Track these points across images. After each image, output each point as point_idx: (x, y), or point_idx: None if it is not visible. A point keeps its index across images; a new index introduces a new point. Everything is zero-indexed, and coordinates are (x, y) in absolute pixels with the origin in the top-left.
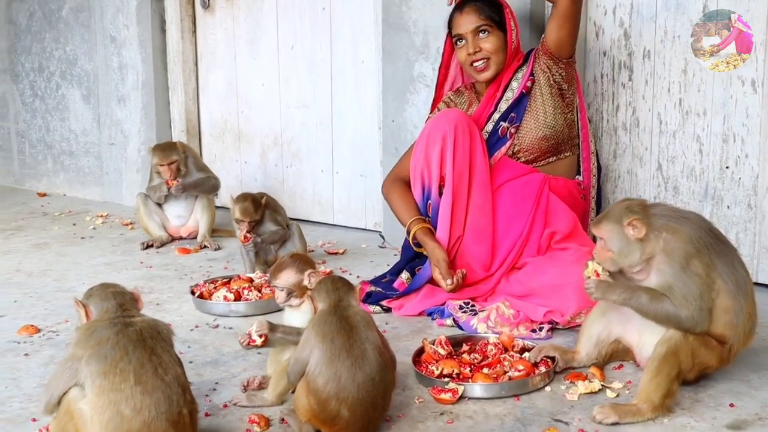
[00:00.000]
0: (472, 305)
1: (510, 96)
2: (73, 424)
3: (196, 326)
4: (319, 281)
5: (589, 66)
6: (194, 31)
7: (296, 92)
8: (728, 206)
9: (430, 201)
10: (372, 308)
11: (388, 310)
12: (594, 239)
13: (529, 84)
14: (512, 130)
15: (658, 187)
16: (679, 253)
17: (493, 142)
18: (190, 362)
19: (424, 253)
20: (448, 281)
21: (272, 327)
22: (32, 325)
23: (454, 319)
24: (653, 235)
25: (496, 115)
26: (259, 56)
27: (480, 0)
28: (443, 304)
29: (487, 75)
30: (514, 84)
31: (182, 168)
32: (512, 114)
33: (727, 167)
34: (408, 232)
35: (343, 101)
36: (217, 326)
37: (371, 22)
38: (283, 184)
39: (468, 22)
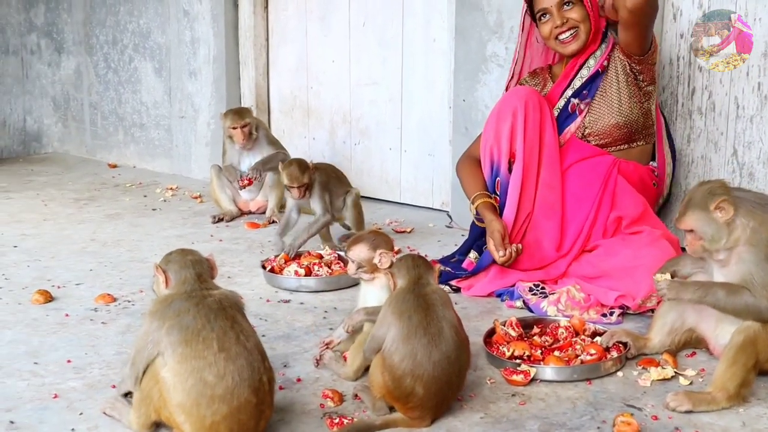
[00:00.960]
0: (542, 287)
1: (585, 74)
2: (158, 389)
3: (268, 300)
4: (399, 258)
5: (665, 48)
6: (266, 7)
7: (366, 70)
8: None
9: (498, 178)
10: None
11: (457, 290)
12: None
13: (605, 63)
14: (582, 107)
15: (733, 173)
16: (764, 243)
17: (563, 118)
18: (263, 336)
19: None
20: (501, 252)
21: (356, 319)
22: (109, 294)
23: (524, 301)
24: (739, 222)
25: (569, 92)
26: (330, 32)
27: None
28: (513, 285)
29: (574, 47)
30: (591, 62)
31: (254, 132)
32: (584, 91)
33: None
34: (471, 206)
35: (413, 79)
36: (288, 301)
37: (444, 1)
38: (351, 161)
39: None
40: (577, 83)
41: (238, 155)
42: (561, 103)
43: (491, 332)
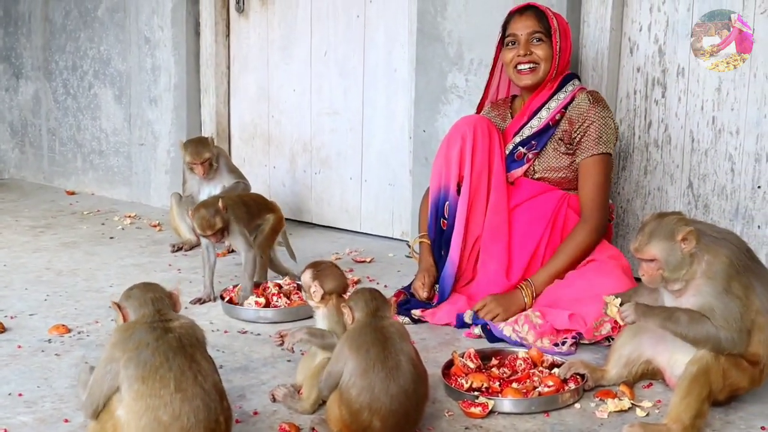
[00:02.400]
0: None
1: (536, 125)
2: (111, 424)
3: (225, 331)
4: (355, 292)
5: (622, 82)
6: (228, 35)
7: (327, 99)
8: (759, 226)
9: (447, 201)
10: (401, 319)
11: (417, 321)
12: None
13: (557, 117)
14: (529, 156)
15: (689, 205)
16: (721, 276)
17: (510, 161)
18: (220, 367)
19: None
20: (425, 293)
21: (297, 336)
22: (63, 325)
23: (485, 325)
24: (698, 254)
25: (518, 139)
26: (292, 62)
27: (540, 11)
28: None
29: (528, 81)
30: (544, 113)
31: (214, 164)
32: (533, 141)
33: (758, 187)
34: (412, 243)
35: (374, 109)
36: (246, 332)
37: (405, 32)
38: (311, 190)
39: (527, 26)
40: (527, 132)
41: (198, 185)
42: (510, 147)
43: (450, 364)
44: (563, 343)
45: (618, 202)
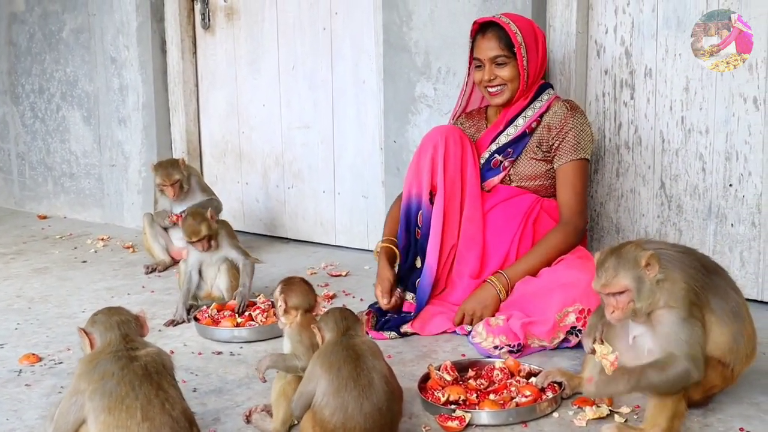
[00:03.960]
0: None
1: (512, 132)
2: None
3: (200, 353)
4: (326, 312)
5: (591, 84)
6: (195, 52)
7: (297, 113)
8: (732, 224)
9: (420, 210)
10: (388, 335)
11: (404, 335)
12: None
13: (534, 125)
14: (506, 164)
15: (662, 206)
16: (680, 303)
17: (486, 170)
18: (194, 390)
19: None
20: (385, 300)
21: (263, 364)
22: (33, 354)
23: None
24: (659, 282)
25: (494, 147)
26: (260, 76)
27: (502, 28)
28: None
29: (499, 100)
30: (520, 121)
31: (185, 185)
32: (509, 149)
33: (730, 185)
34: (375, 248)
35: (345, 122)
36: (220, 353)
37: (372, 43)
38: (285, 204)
39: (487, 49)
40: (503, 140)
41: (170, 204)
42: (486, 155)
43: (426, 377)
44: (518, 348)
45: (591, 206)
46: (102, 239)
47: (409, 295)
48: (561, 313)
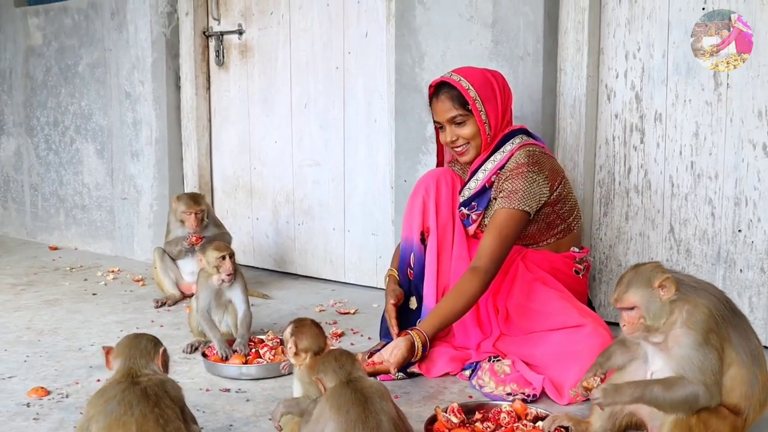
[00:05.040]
0: (498, 358)
1: (473, 186)
2: None
3: (207, 390)
4: (322, 359)
5: (601, 128)
6: (208, 88)
7: (309, 150)
8: (741, 270)
9: (412, 252)
10: (395, 375)
11: (411, 375)
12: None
13: (493, 178)
14: (473, 217)
15: (671, 250)
16: (700, 327)
17: (462, 219)
18: (202, 428)
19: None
20: (393, 301)
21: (278, 412)
22: (42, 387)
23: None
24: (677, 303)
25: (460, 199)
26: (273, 114)
27: (454, 88)
28: (469, 359)
29: (467, 158)
30: (480, 175)
31: (205, 219)
32: (473, 203)
33: (739, 230)
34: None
35: (356, 160)
36: (228, 390)
37: (384, 82)
38: (295, 241)
39: (443, 111)
40: (466, 193)
41: (186, 235)
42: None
43: (433, 419)
44: (522, 395)
45: (600, 249)
46: (112, 271)
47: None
48: (576, 389)
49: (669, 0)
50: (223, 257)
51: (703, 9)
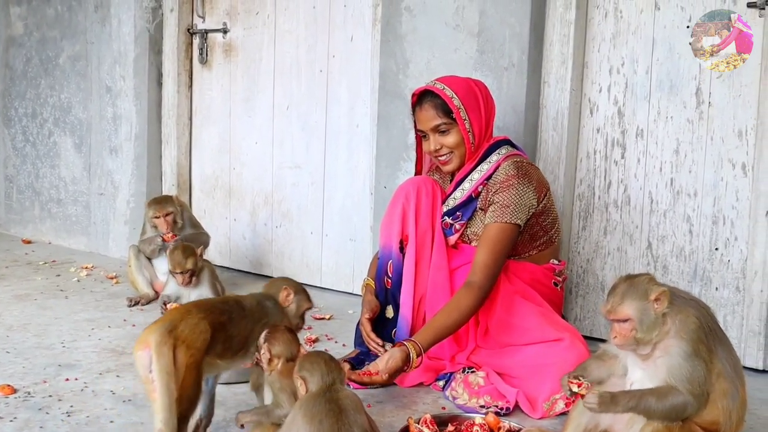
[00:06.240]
0: (472, 369)
1: (459, 196)
2: None
3: None
4: (311, 361)
5: (583, 142)
6: (190, 86)
7: (289, 153)
8: (717, 288)
9: (390, 260)
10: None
11: (384, 384)
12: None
13: (480, 189)
14: (457, 227)
15: (648, 266)
16: (690, 337)
17: (444, 229)
18: None
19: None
20: (368, 315)
21: (245, 417)
22: (8, 385)
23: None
24: (669, 315)
25: (444, 209)
26: (254, 114)
27: (438, 96)
28: (444, 370)
29: (450, 167)
30: (466, 185)
31: (178, 221)
32: (458, 213)
33: (716, 249)
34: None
35: (336, 164)
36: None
37: (368, 88)
38: (272, 243)
39: (427, 120)
40: (451, 203)
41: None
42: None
43: (405, 430)
44: (496, 407)
45: (578, 262)
46: (86, 268)
47: (387, 346)
48: (549, 402)
49: (654, 17)
50: (177, 272)
51: (688, 27)
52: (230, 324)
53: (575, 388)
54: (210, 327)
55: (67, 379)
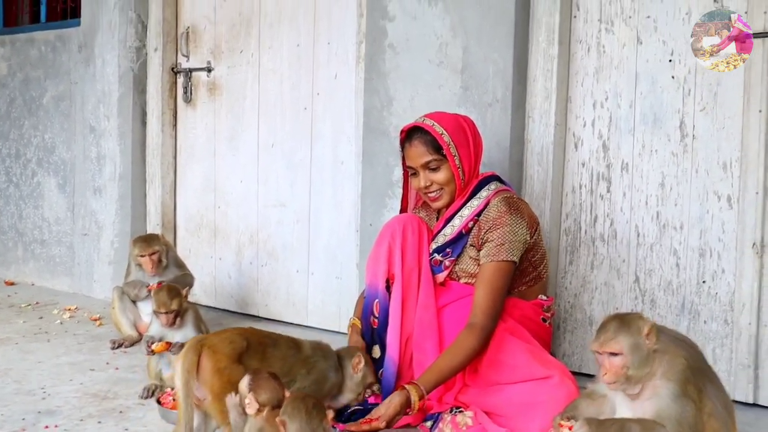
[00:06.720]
0: (460, 409)
1: (449, 232)
2: None
3: None
4: (294, 404)
5: (568, 176)
6: (175, 125)
7: (274, 191)
8: (705, 321)
9: (377, 299)
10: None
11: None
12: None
13: (471, 225)
14: (446, 263)
15: (635, 300)
16: (678, 377)
17: (432, 266)
18: None
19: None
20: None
21: None
22: None
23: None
24: (657, 355)
25: (433, 245)
26: (239, 153)
27: (427, 133)
28: (431, 410)
29: (440, 204)
30: (457, 221)
31: (163, 260)
32: (448, 250)
33: (704, 282)
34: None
35: (321, 202)
36: None
37: (352, 125)
38: (258, 282)
39: (417, 156)
40: (440, 240)
41: (143, 279)
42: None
43: None
44: None
45: (565, 297)
46: (69, 309)
47: (376, 386)
48: None
49: (636, 51)
50: (161, 312)
51: (670, 61)
52: (273, 349)
53: (559, 423)
54: (243, 340)
55: (47, 426)
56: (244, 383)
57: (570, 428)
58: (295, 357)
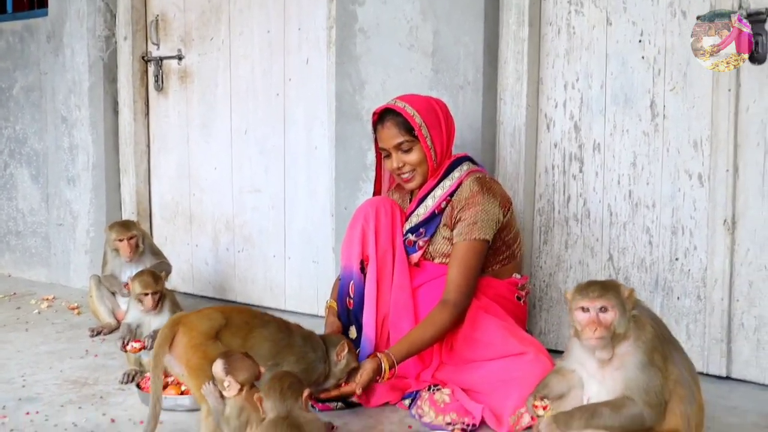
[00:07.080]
0: (438, 387)
1: (422, 212)
2: None
3: (141, 422)
4: (272, 380)
5: (541, 157)
6: (147, 113)
7: (249, 177)
8: (678, 297)
9: (352, 281)
10: (333, 405)
11: (350, 405)
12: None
13: (443, 205)
14: (420, 243)
15: (610, 278)
16: (646, 346)
17: (406, 246)
18: None
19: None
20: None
21: None
22: None
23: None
24: (632, 319)
25: (407, 226)
26: (212, 140)
27: (399, 114)
28: (410, 388)
29: (413, 185)
30: (429, 201)
31: (140, 245)
32: (421, 230)
33: (676, 259)
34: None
35: (296, 187)
36: (162, 422)
37: (325, 110)
38: (235, 268)
39: (389, 138)
40: (414, 220)
41: (120, 266)
42: (404, 233)
43: None
44: (462, 424)
45: (540, 277)
46: (46, 299)
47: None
48: (515, 416)
49: (606, 32)
50: (146, 294)
51: (640, 41)
52: (262, 329)
53: (540, 412)
54: (222, 318)
55: (28, 413)
56: (219, 367)
57: (545, 408)
58: (285, 341)
